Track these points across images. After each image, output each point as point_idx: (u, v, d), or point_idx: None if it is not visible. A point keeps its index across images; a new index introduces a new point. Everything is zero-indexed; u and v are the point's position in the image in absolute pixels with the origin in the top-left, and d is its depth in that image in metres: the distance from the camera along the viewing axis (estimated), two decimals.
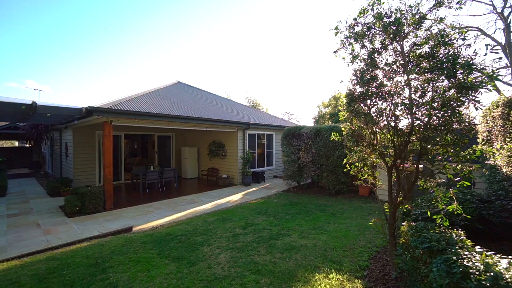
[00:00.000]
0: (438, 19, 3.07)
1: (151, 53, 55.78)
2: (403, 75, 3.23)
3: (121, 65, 58.01)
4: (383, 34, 3.27)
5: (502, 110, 4.32)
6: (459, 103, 2.67)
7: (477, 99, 2.56)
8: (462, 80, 2.62)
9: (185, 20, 48.56)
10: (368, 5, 3.22)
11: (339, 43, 3.41)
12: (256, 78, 58.07)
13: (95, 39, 47.44)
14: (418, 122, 2.92)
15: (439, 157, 2.99)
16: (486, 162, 4.67)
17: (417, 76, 3.12)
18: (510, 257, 1.92)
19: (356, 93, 3.45)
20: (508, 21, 13.92)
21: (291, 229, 5.05)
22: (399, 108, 3.10)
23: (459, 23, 3.08)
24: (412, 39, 3.24)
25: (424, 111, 2.95)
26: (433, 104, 2.88)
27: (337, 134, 3.51)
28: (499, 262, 1.87)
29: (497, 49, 2.63)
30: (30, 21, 41.60)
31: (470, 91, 2.56)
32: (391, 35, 3.22)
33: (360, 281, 3.04)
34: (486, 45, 2.57)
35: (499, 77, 2.79)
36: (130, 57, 56.22)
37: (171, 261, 3.62)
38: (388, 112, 3.19)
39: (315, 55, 56.71)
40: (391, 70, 3.31)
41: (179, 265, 3.49)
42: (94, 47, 50.58)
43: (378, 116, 3.23)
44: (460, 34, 2.76)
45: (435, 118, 2.89)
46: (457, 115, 2.64)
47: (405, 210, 3.24)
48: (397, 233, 3.02)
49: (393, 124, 3.13)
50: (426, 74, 3.07)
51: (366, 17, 3.28)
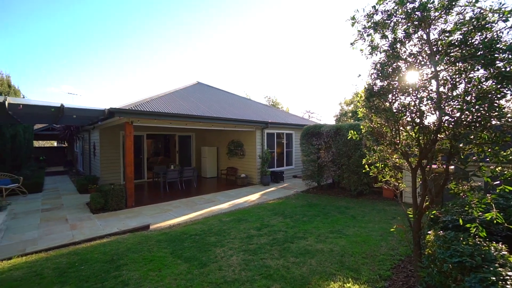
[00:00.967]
0: (473, 0, 2.70)
1: (173, 54, 57.67)
2: (430, 66, 2.90)
3: (144, 66, 60.64)
4: (406, 21, 2.97)
5: None
6: (498, 95, 2.32)
7: None
8: (503, 69, 2.27)
9: (207, 20, 49.54)
10: None
11: (356, 34, 3.15)
12: (276, 77, 57.63)
13: (116, 39, 49.91)
14: (447, 118, 2.59)
15: (474, 158, 2.64)
16: None
17: (446, 67, 2.79)
18: None
19: (376, 88, 3.17)
20: None
21: (307, 232, 4.85)
22: (425, 102, 2.78)
23: (500, 3, 2.68)
24: (440, 25, 2.90)
25: (455, 105, 2.61)
26: (466, 97, 2.54)
27: (355, 132, 3.26)
28: None
29: None
30: (56, 24, 44.94)
31: None
32: (415, 23, 2.91)
33: None
34: None
35: None
36: (152, 57, 58.55)
37: (183, 261, 3.61)
38: (412, 108, 2.88)
39: (336, 51, 54.92)
40: (416, 61, 2.99)
41: (190, 265, 3.46)
42: (118, 48, 53.30)
43: (401, 112, 2.93)
44: (501, 15, 2.39)
45: (468, 113, 2.54)
46: (496, 109, 2.29)
47: (432, 216, 2.91)
48: (422, 242, 2.72)
49: (418, 120, 2.82)
50: (458, 64, 2.72)
51: (387, 4, 2.99)
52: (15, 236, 4.99)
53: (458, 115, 2.61)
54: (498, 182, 2.43)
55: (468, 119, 2.56)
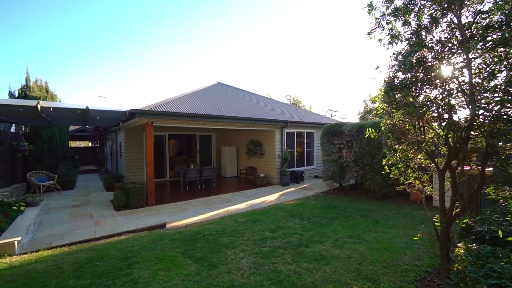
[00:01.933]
0: None
1: (195, 54, 59.14)
2: (461, 54, 2.54)
3: (166, 67, 62.87)
4: (432, 4, 2.63)
5: None
6: None
7: None
8: None
9: (228, 20, 50.15)
10: None
11: (373, 22, 2.87)
12: (298, 75, 56.56)
13: (142, 40, 52.17)
14: (482, 112, 2.23)
15: None
16: None
17: (481, 54, 2.42)
18: None
19: (397, 81, 2.86)
20: None
21: (324, 235, 4.59)
22: (455, 95, 2.44)
23: None
24: (475, 6, 2.53)
25: (492, 98, 2.25)
26: (508, 87, 2.17)
27: (373, 130, 2.97)
28: None
29: None
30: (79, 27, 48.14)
31: None
32: (444, 5, 2.56)
33: None
34: None
35: None
36: (175, 58, 60.49)
37: (193, 261, 3.58)
38: (439, 102, 2.54)
39: (360, 47, 52.56)
40: (444, 49, 2.65)
41: (200, 266, 3.42)
42: (143, 49, 55.76)
43: (426, 106, 2.60)
44: None
45: (510, 105, 2.17)
46: None
47: (464, 225, 2.54)
48: (451, 255, 2.38)
49: (446, 116, 2.48)
50: (497, 49, 2.35)
51: None
52: (46, 229, 5.36)
53: (496, 108, 2.24)
54: None
55: (510, 112, 2.19)
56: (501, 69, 2.28)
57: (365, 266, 3.35)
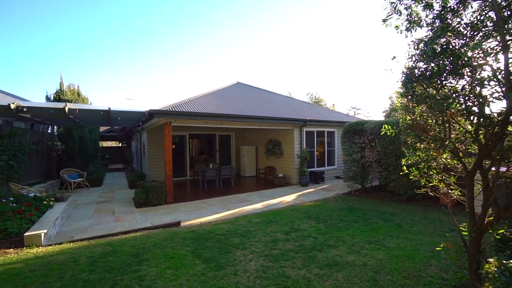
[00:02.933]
0: None
1: (215, 55, 60.18)
2: (496, 37, 2.20)
3: (187, 67, 64.61)
4: None
5: None
6: None
7: None
8: None
9: (248, 19, 50.35)
10: None
11: (388, 7, 2.59)
12: (319, 73, 55.04)
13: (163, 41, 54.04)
14: None
15: None
16: None
17: None
18: None
19: (418, 71, 2.56)
20: None
21: (340, 239, 4.32)
22: (487, 84, 2.11)
23: None
24: None
25: None
26: None
27: (390, 127, 2.69)
28: None
29: None
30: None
31: None
32: None
33: None
34: None
35: None
36: (196, 58, 61.96)
37: (201, 261, 3.55)
38: (467, 93, 2.22)
39: (386, 42, 49.72)
40: (474, 33, 2.31)
41: (207, 267, 3.37)
42: (163, 49, 57.80)
43: (451, 98, 2.28)
44: None
45: None
46: None
47: (499, 237, 2.19)
48: (482, 271, 2.05)
49: (475, 109, 2.16)
50: None
51: None
52: (72, 223, 5.70)
53: None
54: None
55: None
56: None
57: (382, 276, 3.07)
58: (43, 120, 8.46)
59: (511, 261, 1.82)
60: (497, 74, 2.10)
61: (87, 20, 40.64)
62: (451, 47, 2.43)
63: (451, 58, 2.38)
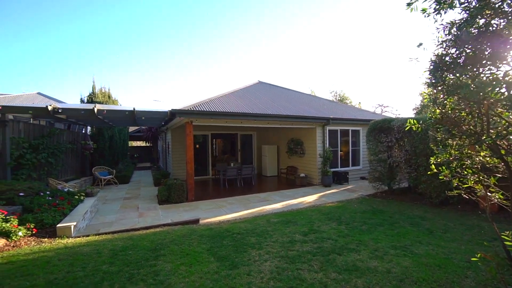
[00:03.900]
0: None
1: (237, 54, 60.79)
2: None
3: (210, 66, 65.93)
4: None
5: None
6: None
7: None
8: None
9: (272, 19, 50.14)
10: None
11: None
12: (344, 70, 53.19)
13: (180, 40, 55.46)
14: None
15: None
16: None
17: None
18: None
19: (449, 59, 2.28)
20: None
21: (362, 243, 4.06)
22: None
23: None
24: None
25: None
26: None
27: (415, 122, 2.43)
28: None
29: None
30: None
31: None
32: None
33: None
34: None
35: None
36: (219, 58, 63.03)
37: (216, 259, 3.53)
38: (510, 80, 1.92)
39: (410, 32, 46.38)
40: None
41: (220, 265, 3.34)
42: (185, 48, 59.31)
43: (491, 86, 1.99)
44: None
45: None
46: None
47: None
48: None
49: None
50: None
51: None
52: (100, 217, 6.05)
53: None
54: None
55: None
56: None
57: (407, 285, 2.80)
58: (77, 121, 9.14)
59: None
60: None
61: (119, 25, 43.32)
62: (491, 28, 2.14)
63: (491, 41, 2.08)
